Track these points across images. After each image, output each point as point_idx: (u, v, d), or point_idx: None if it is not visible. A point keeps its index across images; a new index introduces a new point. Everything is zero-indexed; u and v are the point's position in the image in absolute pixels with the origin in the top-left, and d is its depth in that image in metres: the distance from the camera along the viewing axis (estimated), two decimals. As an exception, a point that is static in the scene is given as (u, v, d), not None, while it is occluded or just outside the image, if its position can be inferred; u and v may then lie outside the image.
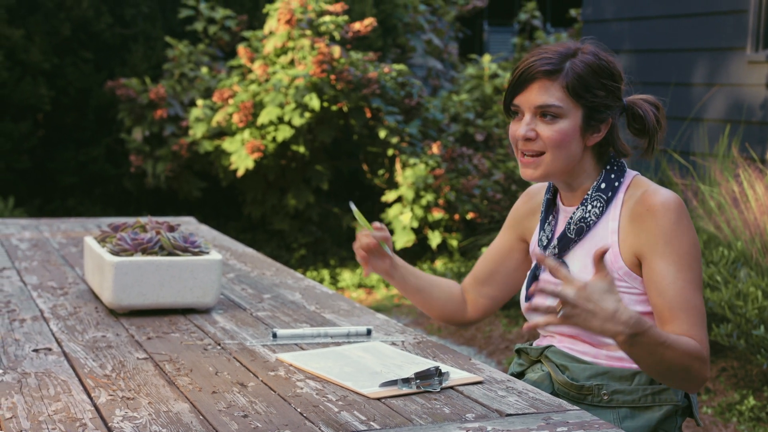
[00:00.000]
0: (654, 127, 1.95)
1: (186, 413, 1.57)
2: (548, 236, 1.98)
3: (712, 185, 4.59)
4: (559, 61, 1.88)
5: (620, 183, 1.92)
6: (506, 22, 15.33)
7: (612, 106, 1.90)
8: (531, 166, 1.91)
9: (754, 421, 3.67)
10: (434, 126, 7.01)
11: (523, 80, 1.89)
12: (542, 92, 1.87)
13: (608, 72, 1.90)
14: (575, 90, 1.86)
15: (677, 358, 1.74)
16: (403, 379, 1.70)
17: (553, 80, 1.87)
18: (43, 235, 3.30)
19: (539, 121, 1.89)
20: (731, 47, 5.87)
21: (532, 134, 1.88)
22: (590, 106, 1.88)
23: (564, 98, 1.87)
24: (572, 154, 1.89)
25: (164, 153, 6.85)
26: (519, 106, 1.91)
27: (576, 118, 1.88)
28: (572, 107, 1.87)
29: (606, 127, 1.91)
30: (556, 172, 1.91)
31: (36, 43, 7.34)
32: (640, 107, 1.96)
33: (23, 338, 2.02)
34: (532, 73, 1.88)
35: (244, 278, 2.70)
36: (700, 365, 1.78)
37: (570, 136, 1.88)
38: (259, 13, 7.69)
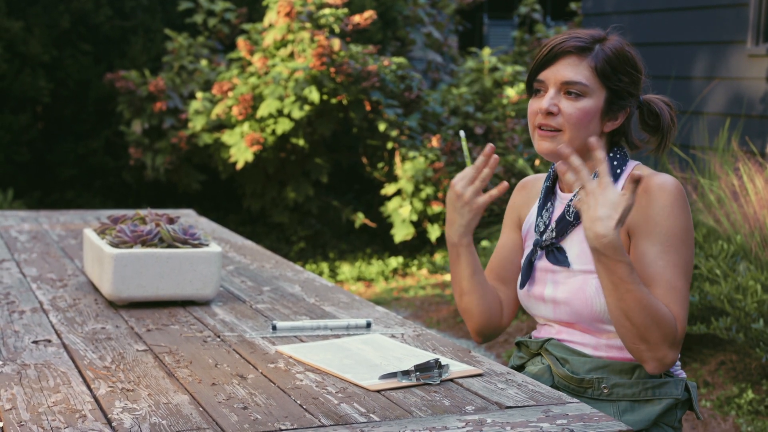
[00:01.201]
0: (668, 126, 1.97)
1: (185, 405, 1.57)
2: (545, 222, 1.97)
3: (712, 179, 4.59)
4: (590, 42, 1.90)
5: (622, 170, 1.93)
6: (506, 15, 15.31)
7: (634, 95, 1.92)
8: (548, 138, 1.90)
9: (752, 415, 3.68)
10: (434, 119, 7.01)
11: (552, 55, 1.90)
12: (571, 68, 1.88)
13: (633, 62, 1.92)
14: (603, 71, 1.88)
15: (640, 310, 1.72)
16: (403, 372, 1.70)
17: (582, 58, 1.88)
18: (42, 227, 3.30)
19: (563, 97, 1.89)
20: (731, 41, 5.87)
21: (554, 108, 1.89)
22: (615, 90, 1.89)
23: (591, 77, 1.88)
24: (589, 134, 1.89)
25: (163, 145, 6.84)
26: (544, 81, 1.91)
27: (599, 100, 1.89)
28: (597, 88, 1.88)
29: (623, 117, 1.93)
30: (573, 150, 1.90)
31: (35, 35, 7.33)
32: (656, 105, 1.98)
33: (23, 330, 2.02)
34: (564, 48, 1.89)
35: (243, 271, 2.69)
36: (661, 337, 1.74)
37: (590, 116, 1.88)
38: (258, 6, 7.68)
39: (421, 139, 6.69)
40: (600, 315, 1.87)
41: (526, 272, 1.99)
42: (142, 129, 6.89)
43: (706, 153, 5.07)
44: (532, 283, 1.98)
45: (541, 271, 1.96)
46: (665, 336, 1.75)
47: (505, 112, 7.24)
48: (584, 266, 1.89)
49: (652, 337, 1.75)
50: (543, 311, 1.97)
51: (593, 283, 1.86)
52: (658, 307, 1.75)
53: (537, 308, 1.99)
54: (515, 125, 7.00)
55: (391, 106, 6.63)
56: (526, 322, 4.92)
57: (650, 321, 1.73)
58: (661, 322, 1.74)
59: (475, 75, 7.69)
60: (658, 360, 1.77)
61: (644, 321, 1.73)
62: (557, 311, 1.93)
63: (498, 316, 2.08)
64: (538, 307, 1.98)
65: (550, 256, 1.94)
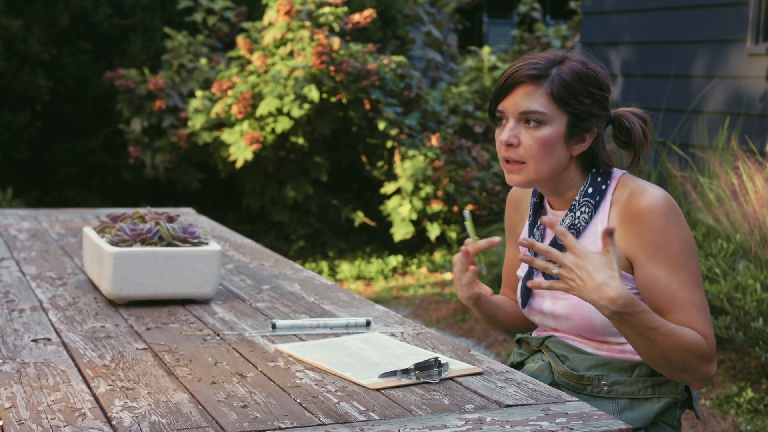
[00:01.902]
0: (640, 140, 1.92)
1: (185, 403, 1.57)
2: (538, 241, 1.96)
3: (712, 177, 4.59)
4: (546, 67, 1.85)
5: (607, 186, 1.89)
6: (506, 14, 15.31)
7: (597, 115, 1.87)
8: (515, 172, 1.88)
9: (752, 413, 3.68)
10: (433, 118, 7.01)
11: (508, 85, 1.87)
12: (526, 97, 1.84)
13: (595, 81, 1.87)
14: (560, 96, 1.83)
15: (673, 347, 1.74)
16: (403, 370, 1.70)
17: (537, 85, 1.84)
18: (41, 226, 3.30)
19: (523, 127, 1.86)
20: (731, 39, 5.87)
21: (514, 140, 1.85)
22: (575, 114, 1.85)
23: (548, 104, 1.84)
24: (556, 162, 1.86)
25: (163, 144, 6.84)
26: (503, 112, 1.88)
27: (560, 126, 1.85)
28: (557, 114, 1.84)
29: (591, 137, 1.88)
30: (540, 179, 1.88)
31: (34, 33, 7.33)
32: (627, 119, 1.92)
33: (22, 328, 2.02)
34: (518, 78, 1.85)
35: (243, 269, 2.69)
36: (699, 362, 1.76)
37: (552, 143, 1.84)
38: (258, 4, 7.68)
39: (420, 137, 6.69)
40: (600, 329, 1.86)
41: (525, 291, 1.99)
42: (141, 127, 6.89)
43: (705, 152, 5.07)
44: (531, 298, 1.98)
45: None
46: (702, 358, 1.77)
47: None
48: None
49: (691, 365, 1.77)
50: (546, 322, 1.98)
51: None
52: (687, 337, 1.76)
53: (540, 319, 2.00)
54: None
55: (390, 104, 6.63)
56: (526, 321, 4.92)
57: (685, 353, 1.75)
58: (695, 348, 1.76)
59: (475, 74, 7.69)
60: (701, 380, 1.80)
61: (680, 355, 1.75)
62: (559, 324, 1.94)
63: (522, 322, 2.16)
64: (540, 319, 1.99)
65: (545, 275, 1.93)
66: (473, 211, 6.57)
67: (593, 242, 1.87)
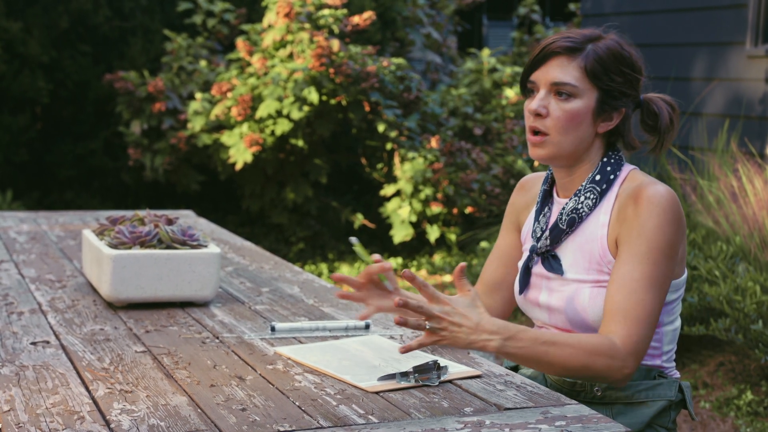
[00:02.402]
0: (667, 126, 1.92)
1: (184, 406, 1.57)
2: (542, 228, 1.96)
3: (711, 180, 4.59)
4: (582, 42, 1.86)
5: (616, 176, 1.89)
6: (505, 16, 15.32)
7: (628, 94, 1.88)
8: (539, 145, 1.88)
9: (751, 416, 3.67)
10: (433, 120, 7.01)
11: (542, 56, 1.87)
12: (559, 69, 1.85)
13: (629, 61, 1.88)
14: (593, 71, 1.84)
15: (571, 355, 1.71)
16: (402, 373, 1.70)
17: (572, 58, 1.85)
18: (41, 228, 3.30)
19: (553, 98, 1.86)
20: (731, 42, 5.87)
21: (543, 110, 1.86)
22: (606, 90, 1.86)
23: (581, 78, 1.85)
24: (581, 137, 1.87)
25: (162, 146, 6.84)
26: (535, 82, 1.88)
27: (590, 100, 1.86)
28: (588, 88, 1.85)
29: (618, 117, 1.89)
30: (564, 154, 1.88)
31: (34, 35, 7.33)
32: (656, 104, 1.93)
33: (21, 331, 2.02)
34: (553, 48, 1.86)
35: (242, 272, 2.69)
36: (606, 361, 1.72)
37: (580, 117, 1.85)
38: (257, 6, 7.68)
39: (420, 139, 6.69)
40: (593, 324, 1.85)
41: (524, 278, 1.98)
42: (141, 130, 6.89)
43: (705, 154, 5.07)
44: (528, 288, 1.97)
45: (537, 276, 1.95)
46: (611, 357, 1.73)
47: (504, 113, 7.25)
48: (577, 275, 1.87)
49: (599, 370, 1.73)
50: (539, 316, 1.97)
51: (586, 292, 1.85)
52: (587, 339, 1.73)
53: (533, 312, 1.98)
54: (514, 126, 7.00)
55: (390, 106, 6.63)
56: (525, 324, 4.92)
57: (586, 359, 1.72)
58: (599, 349, 1.73)
59: (474, 76, 7.70)
60: (620, 379, 1.76)
61: (581, 363, 1.72)
62: (552, 318, 1.93)
63: None
64: (535, 311, 1.98)
65: (545, 263, 1.92)
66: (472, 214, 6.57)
67: (594, 231, 1.86)
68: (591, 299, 1.84)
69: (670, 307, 1.90)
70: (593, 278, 1.85)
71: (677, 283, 1.88)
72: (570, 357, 1.71)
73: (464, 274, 1.69)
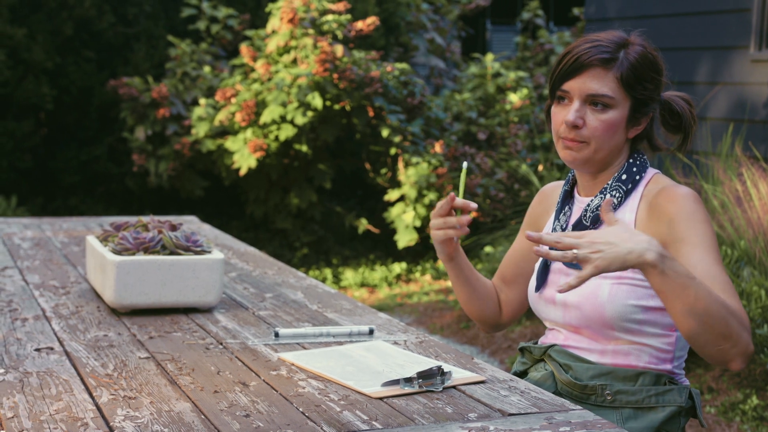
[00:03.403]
0: (690, 124, 1.95)
1: (188, 413, 1.57)
2: (562, 226, 1.96)
3: (716, 184, 4.58)
4: (615, 50, 1.87)
5: (641, 177, 1.91)
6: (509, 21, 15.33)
7: (656, 99, 1.91)
8: (574, 148, 1.89)
9: (757, 421, 3.66)
10: (437, 125, 7.01)
11: (578, 66, 1.87)
12: (596, 80, 1.86)
13: (656, 65, 1.90)
14: (628, 81, 1.86)
15: (713, 304, 1.66)
16: (406, 379, 1.69)
17: (608, 69, 1.86)
18: (45, 234, 3.30)
19: (588, 109, 1.87)
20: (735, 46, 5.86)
21: (580, 122, 1.87)
22: (639, 99, 1.88)
23: (617, 89, 1.86)
24: (615, 144, 1.89)
25: (166, 152, 6.85)
26: (569, 92, 1.89)
27: (624, 110, 1.88)
28: (622, 98, 1.87)
29: (646, 121, 1.92)
30: (597, 159, 1.90)
31: (38, 42, 7.34)
32: (677, 104, 1.96)
33: (25, 337, 2.01)
34: (588, 59, 1.86)
35: (246, 277, 2.69)
36: (739, 328, 1.68)
37: (616, 127, 1.87)
38: (261, 12, 7.69)
39: (424, 144, 6.69)
40: (610, 321, 1.85)
41: (542, 276, 1.98)
42: (145, 135, 6.89)
43: (709, 158, 5.06)
44: (545, 285, 1.97)
45: (555, 272, 1.96)
46: (741, 323, 1.69)
47: (508, 118, 7.24)
48: None
49: (733, 330, 1.67)
50: (553, 314, 1.96)
51: (606, 288, 1.85)
52: (724, 299, 1.70)
53: (547, 311, 1.98)
54: (518, 131, 7.00)
55: (394, 112, 6.63)
56: (530, 328, 4.92)
57: (725, 312, 1.67)
58: (732, 309, 1.69)
59: (478, 81, 7.70)
60: (743, 353, 1.70)
61: (721, 313, 1.66)
62: (567, 315, 1.92)
63: (494, 314, 2.15)
64: (548, 310, 1.97)
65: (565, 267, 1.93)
66: (476, 218, 6.56)
67: None
68: (610, 295, 1.84)
69: None
70: (615, 274, 1.85)
71: None
72: (714, 303, 1.66)
73: (609, 207, 1.70)
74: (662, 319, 1.87)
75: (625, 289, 1.84)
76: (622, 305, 1.84)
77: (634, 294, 1.84)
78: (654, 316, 1.86)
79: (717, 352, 1.69)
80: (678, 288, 1.66)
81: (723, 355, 1.70)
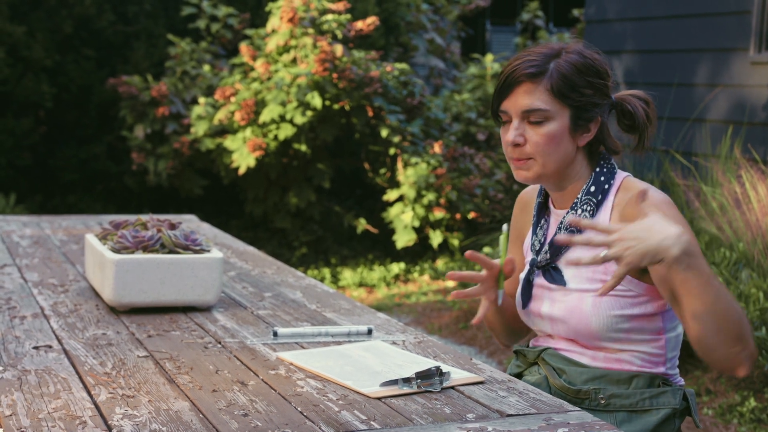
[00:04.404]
0: (644, 123, 1.91)
1: (186, 411, 1.57)
2: (540, 240, 1.95)
3: (715, 186, 4.58)
4: (543, 63, 1.84)
5: (610, 185, 1.88)
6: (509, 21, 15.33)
7: (600, 103, 1.87)
8: (523, 167, 1.88)
9: (754, 423, 3.67)
10: (436, 125, 7.01)
11: (508, 85, 1.86)
12: (527, 96, 1.84)
13: (594, 69, 1.86)
14: (560, 90, 1.83)
15: (731, 305, 1.65)
16: (404, 379, 1.69)
17: (537, 83, 1.84)
18: (44, 232, 3.30)
19: (527, 125, 1.86)
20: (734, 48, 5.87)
21: (520, 140, 1.85)
22: (577, 106, 1.84)
23: (549, 100, 1.83)
24: (563, 155, 1.87)
25: (166, 150, 6.85)
26: (506, 112, 1.88)
27: (564, 119, 1.85)
28: (559, 108, 1.84)
29: (596, 126, 1.88)
30: (549, 173, 1.88)
31: (38, 40, 7.34)
32: (629, 103, 1.92)
33: (23, 335, 2.01)
34: (516, 76, 1.85)
35: (245, 276, 2.69)
36: (748, 328, 1.67)
37: (558, 137, 1.85)
38: (261, 11, 7.69)
39: (423, 145, 6.69)
40: (597, 332, 1.85)
41: (525, 292, 1.97)
42: (144, 134, 6.89)
43: (708, 160, 5.06)
44: (530, 300, 1.97)
45: (539, 288, 1.95)
46: (749, 327, 1.68)
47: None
48: (580, 285, 1.86)
49: (745, 331, 1.67)
50: (542, 326, 1.97)
51: (589, 301, 1.84)
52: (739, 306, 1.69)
53: (536, 324, 1.98)
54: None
55: (393, 112, 6.63)
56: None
57: (741, 314, 1.67)
58: (742, 312, 1.68)
59: (478, 81, 7.70)
60: (751, 357, 1.69)
61: (738, 314, 1.66)
62: (555, 328, 1.92)
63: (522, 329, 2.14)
64: (537, 322, 1.97)
65: (546, 276, 1.92)
66: (475, 219, 6.56)
67: None
68: (594, 307, 1.83)
69: (672, 313, 1.88)
70: (596, 287, 1.84)
71: None
72: (732, 304, 1.66)
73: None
74: (648, 325, 1.86)
75: (607, 299, 1.83)
76: (606, 316, 1.83)
77: (617, 304, 1.83)
78: (639, 323, 1.85)
79: (727, 355, 1.68)
80: (700, 286, 1.64)
81: (733, 359, 1.69)
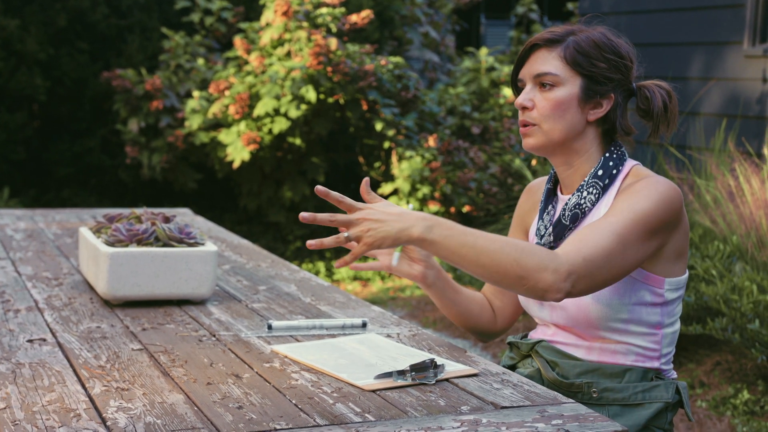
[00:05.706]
0: (659, 110, 1.91)
1: (180, 404, 1.57)
2: (546, 225, 1.96)
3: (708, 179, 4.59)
4: (563, 35, 1.89)
5: (618, 171, 1.88)
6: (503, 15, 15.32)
7: (614, 79, 1.88)
8: (528, 135, 1.90)
9: (748, 415, 3.68)
10: (431, 119, 7.01)
11: (526, 52, 1.91)
12: (540, 61, 1.88)
13: (612, 48, 1.89)
14: (573, 58, 1.86)
15: (501, 249, 1.67)
16: (399, 372, 1.70)
17: (551, 49, 1.88)
18: (38, 226, 3.30)
19: (538, 90, 1.88)
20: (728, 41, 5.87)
21: (529, 103, 1.88)
22: (589, 76, 1.86)
23: (561, 66, 1.87)
24: (569, 124, 1.87)
25: (160, 144, 6.84)
26: (522, 79, 1.92)
27: (574, 87, 1.86)
28: (570, 76, 1.87)
29: (608, 104, 1.88)
30: (554, 142, 1.88)
31: (31, 33, 7.32)
32: (649, 89, 1.93)
33: (17, 329, 2.01)
34: (534, 42, 1.90)
35: (239, 270, 2.69)
36: (538, 262, 1.67)
37: (565, 105, 1.86)
38: (255, 5, 7.67)
39: (417, 138, 6.69)
40: (595, 322, 1.85)
41: None
42: (138, 128, 6.88)
43: (702, 153, 5.07)
44: None
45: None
46: (540, 263, 1.67)
47: (501, 112, 7.25)
48: None
49: (529, 265, 1.67)
50: (541, 313, 1.96)
51: None
52: (520, 242, 1.70)
53: (534, 310, 1.98)
54: (512, 125, 7.00)
55: (388, 105, 6.62)
56: (522, 322, 4.92)
57: (517, 254, 1.67)
58: (532, 251, 1.68)
59: (472, 75, 7.69)
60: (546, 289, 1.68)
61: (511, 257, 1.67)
62: (554, 314, 1.92)
63: (488, 324, 2.10)
64: (536, 308, 1.97)
65: None
66: (470, 212, 6.57)
67: None
68: (594, 297, 1.83)
69: (671, 308, 1.89)
70: None
71: (678, 281, 1.88)
72: (500, 250, 1.67)
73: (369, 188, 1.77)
74: (647, 317, 1.86)
75: (609, 287, 1.83)
76: (605, 305, 1.83)
77: (617, 292, 1.83)
78: (638, 314, 1.85)
79: (524, 291, 1.70)
80: (455, 248, 1.69)
81: (529, 292, 1.70)
